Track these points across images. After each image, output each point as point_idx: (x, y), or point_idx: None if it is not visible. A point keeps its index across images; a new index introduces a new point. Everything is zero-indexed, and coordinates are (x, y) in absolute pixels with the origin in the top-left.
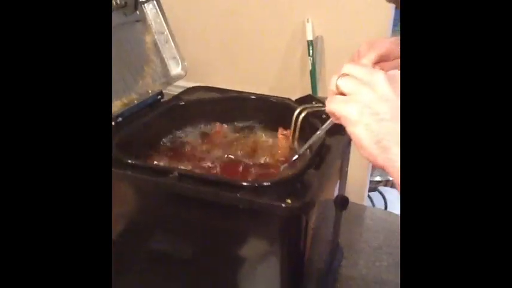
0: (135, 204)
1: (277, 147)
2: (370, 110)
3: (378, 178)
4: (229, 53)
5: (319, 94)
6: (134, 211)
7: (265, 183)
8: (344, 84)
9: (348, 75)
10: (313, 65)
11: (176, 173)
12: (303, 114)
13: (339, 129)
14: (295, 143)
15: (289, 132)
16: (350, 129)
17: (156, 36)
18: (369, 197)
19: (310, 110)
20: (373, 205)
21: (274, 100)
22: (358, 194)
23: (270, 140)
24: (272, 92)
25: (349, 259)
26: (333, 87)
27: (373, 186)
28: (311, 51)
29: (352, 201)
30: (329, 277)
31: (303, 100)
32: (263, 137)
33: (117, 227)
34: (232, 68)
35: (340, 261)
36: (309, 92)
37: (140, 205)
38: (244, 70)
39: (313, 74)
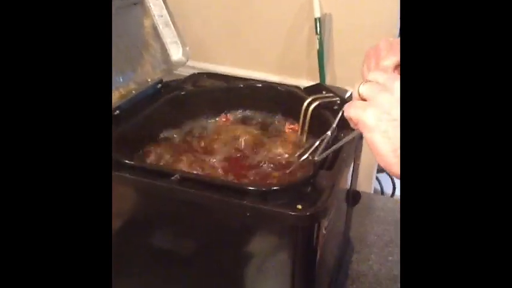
0: (134, 206)
1: (285, 142)
2: (388, 116)
3: None
4: (233, 32)
5: (327, 75)
6: (133, 212)
7: (273, 188)
8: (365, 90)
9: (370, 81)
10: (321, 44)
11: (178, 176)
12: (312, 106)
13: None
14: (304, 136)
15: (297, 126)
16: (367, 136)
17: (155, 20)
18: (377, 179)
19: (320, 101)
20: (381, 187)
21: (281, 89)
22: (366, 181)
23: (278, 134)
24: (278, 71)
25: (360, 253)
26: (355, 94)
27: (382, 168)
28: (318, 30)
29: (360, 189)
30: (340, 274)
31: (312, 89)
32: (270, 130)
33: (116, 227)
34: (237, 47)
35: (351, 256)
36: (316, 72)
37: (139, 207)
38: (249, 49)
39: (320, 53)
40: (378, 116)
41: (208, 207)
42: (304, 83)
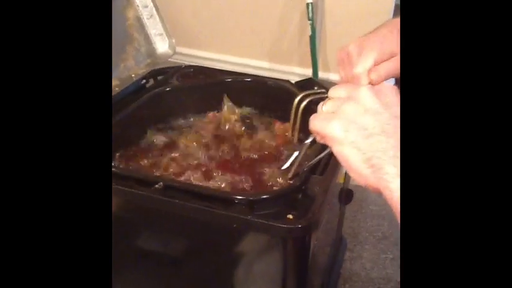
0: (118, 211)
1: (274, 140)
2: (355, 125)
3: None
4: (222, 17)
5: (319, 61)
6: (118, 218)
7: (262, 197)
8: (329, 107)
9: (333, 98)
10: (313, 29)
11: (161, 184)
12: (304, 103)
13: None
14: (296, 135)
15: (287, 125)
16: (335, 149)
17: (139, 10)
18: None
19: (312, 97)
20: None
21: (271, 84)
22: None
23: (267, 133)
24: (269, 58)
25: (353, 251)
26: (319, 112)
27: None
28: (310, 15)
29: (352, 182)
30: (333, 274)
31: (303, 85)
32: (260, 129)
33: None
34: (226, 34)
35: (344, 254)
36: (308, 58)
37: (122, 214)
38: (239, 35)
39: (313, 39)
40: (344, 127)
41: (193, 216)
42: (296, 70)
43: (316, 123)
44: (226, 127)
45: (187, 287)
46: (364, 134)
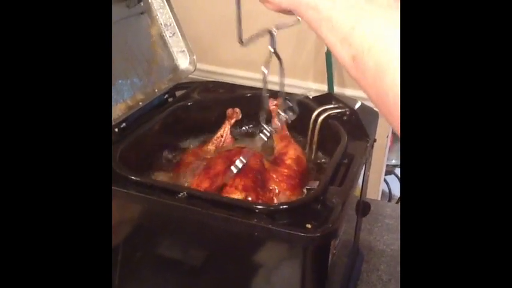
0: (141, 220)
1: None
2: None
3: (393, 162)
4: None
5: (335, 77)
6: (141, 226)
7: (282, 207)
8: None
9: None
10: None
11: (185, 193)
12: (322, 117)
13: (361, 135)
14: (313, 150)
15: (279, 100)
16: (314, 25)
17: (162, 29)
18: (385, 181)
19: (329, 112)
20: (389, 188)
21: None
22: (374, 187)
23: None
24: (286, 74)
25: (369, 263)
26: None
27: (389, 170)
28: None
29: (368, 195)
30: (350, 285)
31: (321, 99)
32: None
33: (125, 239)
34: (245, 51)
35: (361, 266)
36: (324, 75)
37: (146, 222)
38: (255, 51)
39: (328, 56)
40: None
41: (215, 224)
42: (312, 85)
43: None
44: None
45: None
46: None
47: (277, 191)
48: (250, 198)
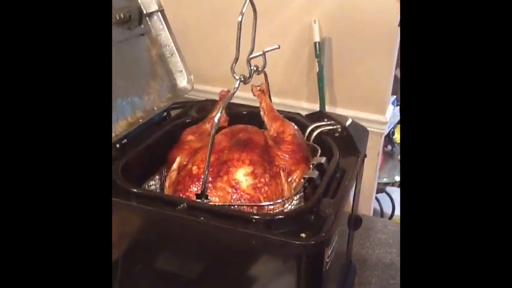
0: (142, 231)
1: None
2: None
3: (385, 180)
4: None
5: (327, 96)
6: (141, 237)
7: (277, 217)
8: None
9: None
10: (321, 66)
11: (185, 205)
12: (314, 134)
13: (353, 151)
14: None
15: (263, 86)
16: None
17: (162, 49)
18: (377, 198)
19: (322, 128)
20: (380, 207)
21: (283, 116)
22: (366, 203)
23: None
24: (279, 95)
25: (362, 276)
26: None
27: (380, 188)
28: (318, 53)
29: (360, 211)
30: None
31: (313, 117)
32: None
33: (124, 250)
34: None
35: (353, 279)
36: (316, 95)
37: (146, 232)
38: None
39: (320, 76)
40: None
41: (214, 234)
42: (304, 105)
43: None
44: None
45: None
46: None
47: (284, 167)
48: (257, 172)
